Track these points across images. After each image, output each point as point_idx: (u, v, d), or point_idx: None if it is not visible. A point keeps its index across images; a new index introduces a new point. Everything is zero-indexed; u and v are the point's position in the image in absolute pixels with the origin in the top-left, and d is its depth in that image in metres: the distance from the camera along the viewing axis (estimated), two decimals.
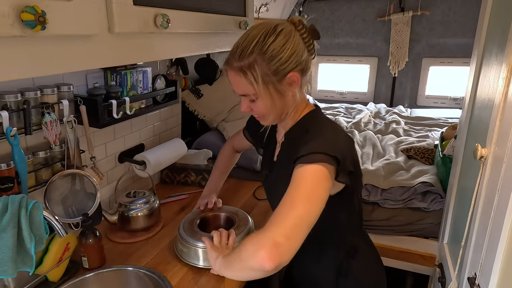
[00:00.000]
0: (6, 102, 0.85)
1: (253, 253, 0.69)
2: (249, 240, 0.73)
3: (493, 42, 0.94)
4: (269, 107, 0.85)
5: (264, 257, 0.66)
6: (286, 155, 0.91)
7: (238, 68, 0.82)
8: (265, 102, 0.84)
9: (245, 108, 0.89)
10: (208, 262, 0.99)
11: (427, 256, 1.55)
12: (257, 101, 0.85)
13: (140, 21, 0.74)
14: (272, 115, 0.88)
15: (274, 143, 1.02)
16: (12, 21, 0.49)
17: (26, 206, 0.74)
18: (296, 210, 0.70)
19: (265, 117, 0.90)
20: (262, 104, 0.85)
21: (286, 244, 0.67)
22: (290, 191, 0.73)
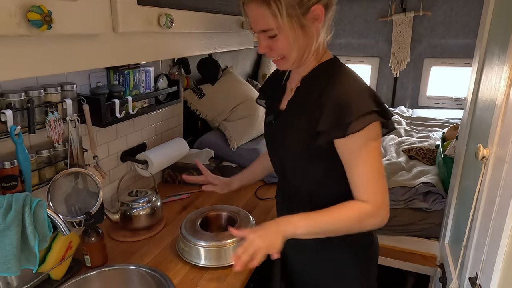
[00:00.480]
0: (10, 101, 0.85)
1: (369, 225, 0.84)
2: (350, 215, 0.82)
3: (495, 42, 0.94)
4: (292, 45, 0.80)
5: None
6: (302, 100, 0.87)
7: (260, 2, 0.76)
8: (288, 38, 0.79)
9: (264, 47, 0.83)
10: (209, 261, 1.00)
11: (428, 256, 1.55)
12: (278, 37, 0.79)
13: (144, 20, 0.74)
14: (293, 55, 0.82)
15: (282, 91, 0.97)
16: (19, 20, 0.49)
17: (30, 204, 0.74)
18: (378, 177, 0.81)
19: (286, 58, 0.84)
20: (284, 40, 0.79)
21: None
22: (362, 162, 0.80)
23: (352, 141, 0.79)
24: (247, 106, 1.84)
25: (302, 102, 0.87)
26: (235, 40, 1.21)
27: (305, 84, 0.89)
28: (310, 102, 0.84)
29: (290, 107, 0.91)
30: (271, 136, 0.98)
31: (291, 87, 0.94)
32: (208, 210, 1.18)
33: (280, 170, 1.00)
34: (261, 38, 0.83)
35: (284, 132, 0.90)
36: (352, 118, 0.77)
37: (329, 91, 0.81)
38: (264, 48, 0.83)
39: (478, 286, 0.77)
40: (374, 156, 0.81)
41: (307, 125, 0.83)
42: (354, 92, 0.80)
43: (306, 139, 0.84)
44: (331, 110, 0.79)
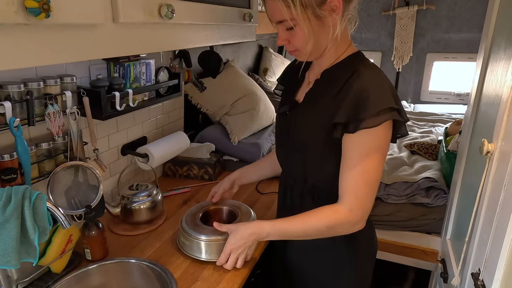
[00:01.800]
0: (9, 92, 0.84)
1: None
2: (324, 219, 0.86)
3: (502, 36, 0.93)
4: (308, 36, 0.80)
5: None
6: (321, 93, 0.87)
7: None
8: (304, 29, 0.79)
9: (282, 40, 0.84)
10: (209, 255, 0.99)
11: (430, 252, 1.55)
12: (295, 29, 0.80)
13: (144, 11, 0.73)
14: (310, 46, 0.82)
15: (299, 82, 0.97)
16: (16, 8, 0.48)
17: (29, 197, 0.73)
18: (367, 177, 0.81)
19: (302, 49, 0.84)
20: (300, 32, 0.80)
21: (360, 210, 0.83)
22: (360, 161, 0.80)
23: (362, 137, 0.78)
24: (248, 100, 1.83)
25: (321, 94, 0.87)
26: (237, 32, 1.20)
27: (326, 77, 0.89)
28: (330, 95, 0.84)
29: (307, 99, 0.91)
30: (283, 126, 0.97)
31: (310, 80, 0.94)
32: (208, 205, 1.17)
33: (285, 162, 1.00)
34: (279, 30, 0.84)
35: (298, 123, 0.90)
36: (367, 114, 0.76)
37: (351, 85, 0.80)
38: (283, 40, 0.84)
39: (481, 281, 0.76)
40: (375, 161, 0.80)
41: (325, 118, 0.83)
42: (375, 87, 0.79)
43: (322, 131, 0.84)
44: (349, 103, 0.78)
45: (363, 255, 0.98)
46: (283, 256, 1.05)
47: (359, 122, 0.77)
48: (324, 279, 0.98)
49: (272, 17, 0.83)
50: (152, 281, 0.97)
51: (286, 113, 0.95)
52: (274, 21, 0.82)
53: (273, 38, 2.79)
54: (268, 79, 2.51)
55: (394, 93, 0.80)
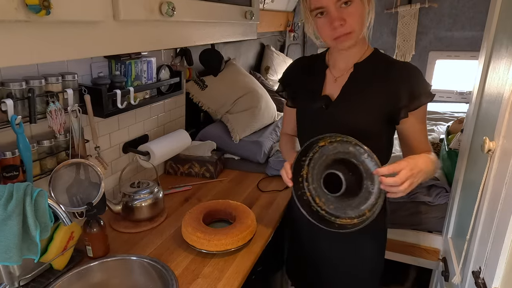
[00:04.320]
0: (11, 90, 0.85)
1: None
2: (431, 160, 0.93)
3: (504, 33, 0.92)
4: (362, 15, 0.87)
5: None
6: (364, 83, 0.95)
7: None
8: (361, 7, 0.87)
9: (339, 19, 0.86)
10: None
11: (431, 250, 1.54)
12: (351, 6, 0.86)
13: (145, 8, 0.73)
14: (360, 29, 0.89)
15: (320, 79, 1.02)
16: (17, 5, 0.48)
17: (31, 193, 0.74)
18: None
19: (359, 30, 0.89)
20: (358, 9, 0.86)
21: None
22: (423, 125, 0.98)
23: (421, 110, 0.94)
24: (249, 98, 1.83)
25: (366, 84, 0.95)
26: (238, 30, 1.20)
27: (361, 69, 0.97)
28: (376, 84, 0.94)
29: (346, 92, 0.97)
30: (326, 120, 1.00)
31: (336, 75, 1.00)
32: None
33: None
34: (333, 11, 0.86)
35: (349, 113, 0.96)
36: (423, 92, 0.92)
37: (396, 70, 0.93)
38: (339, 19, 0.86)
39: (482, 279, 0.76)
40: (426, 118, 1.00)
41: (386, 103, 0.93)
42: (417, 69, 0.94)
43: (381, 114, 0.94)
44: (407, 88, 0.91)
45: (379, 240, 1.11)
46: (310, 244, 1.12)
47: (420, 100, 0.92)
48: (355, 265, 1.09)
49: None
50: (153, 278, 0.97)
51: (323, 108, 0.99)
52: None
53: (274, 37, 2.78)
54: (270, 77, 2.51)
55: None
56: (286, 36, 2.91)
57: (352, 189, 0.89)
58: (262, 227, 1.16)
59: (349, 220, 0.91)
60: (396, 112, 0.94)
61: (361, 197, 0.90)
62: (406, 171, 0.82)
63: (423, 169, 0.86)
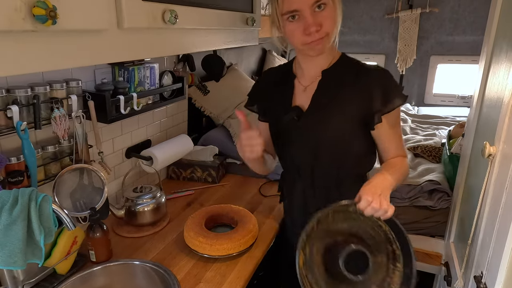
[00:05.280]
0: (17, 96, 0.86)
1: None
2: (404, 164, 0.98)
3: (503, 38, 0.93)
4: (335, 18, 0.86)
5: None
6: (335, 90, 0.93)
7: None
8: (334, 10, 0.85)
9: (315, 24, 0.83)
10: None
11: (433, 255, 1.54)
12: (326, 9, 0.84)
13: (148, 16, 0.74)
14: (333, 32, 0.88)
15: (289, 89, 1.00)
16: (24, 15, 0.49)
17: (35, 199, 0.75)
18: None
19: (329, 35, 0.87)
20: (332, 12, 0.85)
21: None
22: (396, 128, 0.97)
23: (394, 113, 0.93)
24: None
25: (337, 91, 0.93)
26: (239, 36, 1.21)
27: (330, 76, 0.94)
28: (348, 89, 0.92)
29: (318, 100, 0.95)
30: (299, 132, 0.98)
31: (304, 84, 0.98)
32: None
33: (311, 163, 1.00)
34: (308, 16, 0.83)
35: (322, 123, 0.94)
36: (396, 94, 0.91)
37: (366, 74, 0.91)
38: (316, 24, 0.84)
39: (484, 284, 0.76)
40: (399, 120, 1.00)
41: (354, 109, 0.92)
42: (388, 74, 0.93)
43: (355, 121, 0.93)
44: (379, 91, 0.90)
45: None
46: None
47: (393, 102, 0.90)
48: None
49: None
50: (155, 283, 0.98)
51: (295, 120, 0.96)
52: (311, 2, 0.82)
53: None
54: None
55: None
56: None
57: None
58: (264, 231, 1.16)
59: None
60: (370, 117, 0.92)
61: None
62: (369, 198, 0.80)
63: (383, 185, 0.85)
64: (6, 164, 0.85)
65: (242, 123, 0.93)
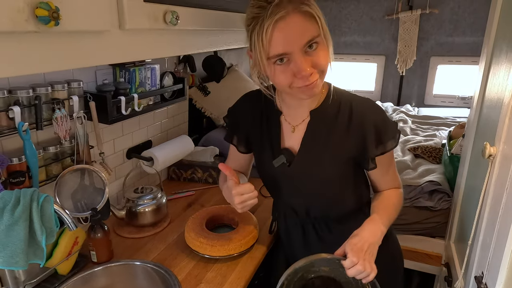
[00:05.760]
0: (18, 97, 0.86)
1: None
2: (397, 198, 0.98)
3: (503, 39, 0.93)
4: (329, 55, 0.78)
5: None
6: (326, 132, 0.87)
7: (305, 11, 0.73)
8: (326, 47, 0.77)
9: (310, 66, 0.75)
10: None
11: (434, 255, 1.54)
12: (318, 48, 0.75)
13: (150, 17, 0.75)
14: (326, 71, 0.80)
15: (276, 127, 0.93)
16: (27, 16, 0.50)
17: (37, 199, 0.75)
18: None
19: (323, 74, 0.80)
20: (324, 49, 0.77)
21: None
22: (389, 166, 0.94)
23: (387, 154, 0.89)
24: None
25: (324, 135, 0.88)
26: (240, 37, 1.21)
27: (319, 116, 0.88)
28: (338, 132, 0.87)
29: (308, 143, 0.89)
30: (289, 177, 0.92)
31: (293, 124, 0.91)
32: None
33: (303, 205, 0.97)
34: (300, 58, 0.74)
35: (314, 167, 0.89)
36: (390, 136, 0.87)
37: (359, 115, 0.86)
38: (311, 67, 0.75)
39: (484, 285, 0.76)
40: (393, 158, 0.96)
41: (352, 153, 0.88)
42: (382, 113, 0.88)
43: (351, 165, 0.90)
44: (373, 135, 0.85)
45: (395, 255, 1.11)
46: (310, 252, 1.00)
47: (385, 145, 0.87)
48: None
49: (298, 39, 0.73)
50: (156, 283, 0.98)
51: (285, 163, 0.90)
52: (300, 44, 0.73)
53: None
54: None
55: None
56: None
57: None
58: (264, 232, 1.16)
59: None
60: (363, 160, 0.88)
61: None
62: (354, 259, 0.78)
63: (371, 241, 0.82)
64: (7, 164, 0.86)
65: (230, 178, 0.87)
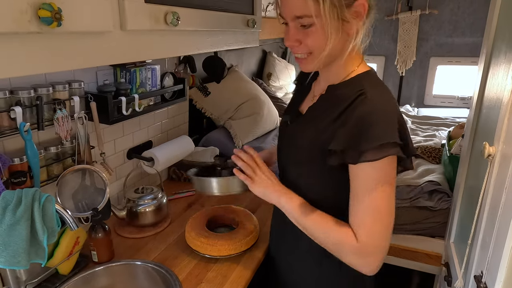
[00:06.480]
0: (20, 98, 0.87)
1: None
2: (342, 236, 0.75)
3: (502, 40, 0.94)
4: (325, 39, 0.71)
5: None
6: (324, 111, 0.79)
7: None
8: (324, 29, 0.70)
9: (293, 40, 0.73)
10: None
11: (434, 255, 1.55)
12: (312, 28, 0.70)
13: (151, 18, 0.75)
14: (324, 52, 0.72)
15: (305, 92, 0.91)
16: (30, 17, 0.50)
17: (39, 199, 0.75)
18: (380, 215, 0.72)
19: (313, 55, 0.74)
20: (319, 32, 0.70)
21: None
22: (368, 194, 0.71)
23: (364, 169, 0.70)
24: (252, 104, 1.85)
25: (323, 114, 0.79)
26: (240, 38, 1.22)
27: (331, 94, 0.80)
28: (330, 117, 0.76)
29: (309, 114, 0.84)
30: (283, 137, 0.92)
31: (315, 93, 0.86)
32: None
33: (281, 174, 0.94)
34: (291, 28, 0.73)
35: (296, 137, 0.84)
36: (368, 146, 0.68)
37: (353, 109, 0.72)
38: (293, 41, 0.74)
39: (484, 284, 0.77)
40: (383, 193, 0.71)
41: (322, 140, 0.76)
42: (381, 115, 0.70)
43: (318, 152, 0.77)
44: (349, 131, 0.71)
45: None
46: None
47: (359, 153, 0.69)
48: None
49: (289, 11, 0.71)
50: (157, 283, 0.98)
51: (287, 123, 0.90)
52: (291, 15, 0.71)
53: (276, 44, 2.81)
54: (272, 84, 2.54)
55: (401, 123, 0.72)
56: None
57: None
58: (264, 232, 1.16)
59: None
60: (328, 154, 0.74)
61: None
62: (251, 172, 0.85)
63: (265, 191, 0.84)
64: (9, 164, 0.86)
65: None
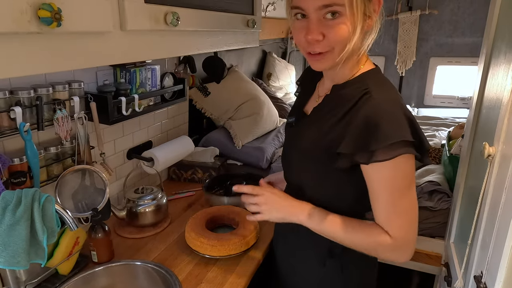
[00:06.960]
0: (20, 98, 0.87)
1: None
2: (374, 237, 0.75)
3: (502, 40, 0.94)
4: (349, 33, 0.67)
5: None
6: (329, 111, 0.77)
7: None
8: (351, 22, 0.66)
9: (317, 33, 0.68)
10: None
11: (433, 255, 1.54)
12: (339, 19, 0.66)
13: (151, 18, 0.75)
14: (345, 49, 0.69)
15: (309, 92, 0.89)
16: (30, 17, 0.50)
17: (38, 199, 0.75)
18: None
19: (333, 52, 0.70)
20: (346, 24, 0.67)
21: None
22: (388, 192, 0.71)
23: (378, 169, 0.69)
24: (252, 104, 1.85)
25: (328, 113, 0.77)
26: (240, 38, 1.22)
27: (336, 94, 0.78)
28: (336, 117, 0.75)
29: (314, 114, 0.82)
30: (288, 138, 0.91)
31: (320, 93, 0.85)
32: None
33: (286, 175, 0.94)
34: (314, 20, 0.68)
35: (301, 139, 0.82)
36: (378, 146, 0.66)
37: (359, 108, 0.70)
38: (317, 34, 0.68)
39: (483, 284, 0.77)
40: (402, 189, 0.70)
41: (328, 141, 0.74)
42: (388, 114, 0.68)
43: (324, 153, 0.76)
44: (357, 131, 0.69)
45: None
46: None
47: (369, 154, 0.67)
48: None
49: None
50: (157, 283, 0.98)
51: (292, 124, 0.89)
52: (317, 4, 0.66)
53: (276, 44, 2.81)
54: (272, 84, 2.53)
55: (411, 120, 0.70)
56: (288, 43, 2.94)
57: None
58: (264, 232, 1.17)
59: None
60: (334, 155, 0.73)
61: None
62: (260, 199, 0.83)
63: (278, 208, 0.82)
64: (9, 165, 0.86)
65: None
